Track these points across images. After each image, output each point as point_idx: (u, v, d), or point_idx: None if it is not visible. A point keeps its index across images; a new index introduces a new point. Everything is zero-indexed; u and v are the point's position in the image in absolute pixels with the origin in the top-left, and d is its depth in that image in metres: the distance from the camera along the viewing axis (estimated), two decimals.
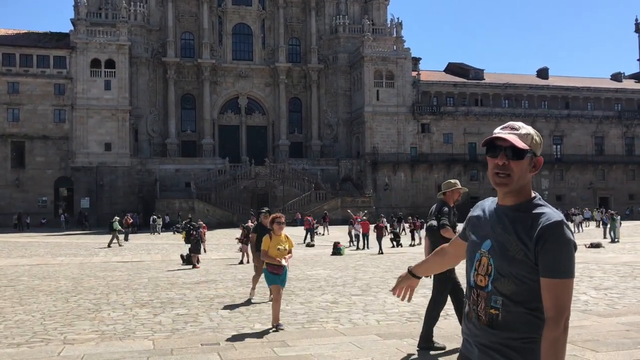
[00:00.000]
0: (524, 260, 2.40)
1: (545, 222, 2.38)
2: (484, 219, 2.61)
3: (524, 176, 2.48)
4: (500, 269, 2.45)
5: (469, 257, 2.64)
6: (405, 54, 66.77)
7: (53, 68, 58.41)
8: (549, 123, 71.30)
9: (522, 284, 2.41)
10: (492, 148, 2.50)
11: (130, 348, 7.82)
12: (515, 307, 2.42)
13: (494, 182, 2.51)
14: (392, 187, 64.47)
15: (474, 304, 2.54)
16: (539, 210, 2.45)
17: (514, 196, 2.51)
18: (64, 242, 34.76)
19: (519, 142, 2.45)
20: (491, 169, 2.51)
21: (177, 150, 64.85)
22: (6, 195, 56.80)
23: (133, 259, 23.15)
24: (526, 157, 2.46)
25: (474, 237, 2.63)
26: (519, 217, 2.47)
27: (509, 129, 2.51)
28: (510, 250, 2.42)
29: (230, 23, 68.56)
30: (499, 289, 2.45)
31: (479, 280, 2.53)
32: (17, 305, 11.97)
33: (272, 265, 8.99)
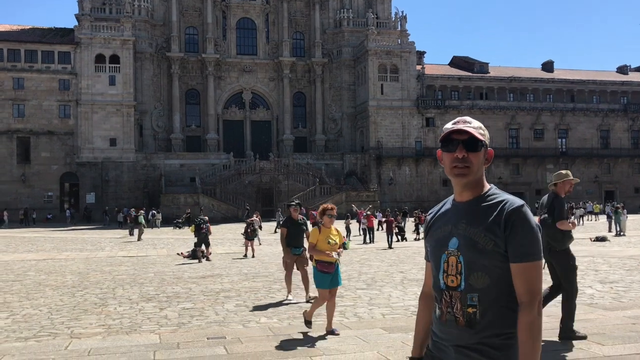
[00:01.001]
0: (494, 250, 2.40)
1: (510, 207, 2.42)
2: (443, 221, 2.59)
3: (481, 168, 2.52)
4: (471, 264, 2.43)
5: (434, 261, 2.58)
6: (409, 48, 66.57)
7: (58, 63, 58.50)
8: (554, 116, 71.06)
9: (496, 276, 2.40)
10: (449, 143, 2.51)
11: (137, 342, 7.86)
12: (491, 302, 2.40)
13: (453, 175, 2.51)
14: (396, 182, 64.41)
15: (448, 306, 2.48)
16: (499, 198, 2.48)
17: (472, 190, 2.53)
18: (70, 237, 34.91)
19: (476, 133, 2.49)
20: (449, 163, 2.51)
21: (181, 145, 64.93)
22: (12, 190, 57.02)
23: (139, 254, 23.23)
24: (482, 149, 2.51)
25: (437, 240, 2.58)
26: (481, 209, 2.48)
27: (462, 122, 2.53)
28: (480, 242, 2.41)
29: (234, 17, 68.48)
30: (473, 285, 2.42)
31: (449, 281, 2.48)
32: (25, 299, 12.04)
33: (322, 263, 8.19)
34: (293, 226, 11.18)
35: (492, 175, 68.03)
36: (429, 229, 2.67)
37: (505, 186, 68.28)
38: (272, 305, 10.82)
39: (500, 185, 67.81)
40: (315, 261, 8.28)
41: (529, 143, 69.75)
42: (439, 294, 2.54)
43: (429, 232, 2.66)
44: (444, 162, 2.55)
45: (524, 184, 69.32)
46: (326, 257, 8.15)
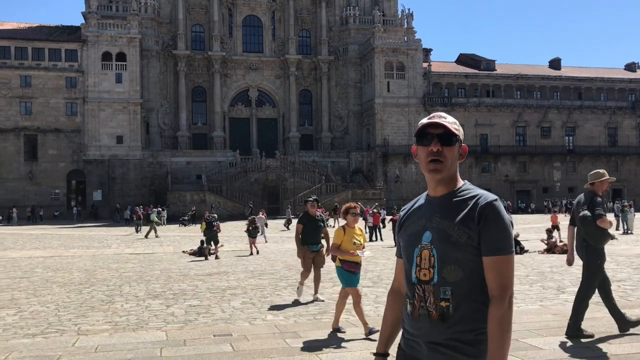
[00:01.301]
0: (468, 243, 2.41)
1: (483, 201, 2.44)
2: (417, 216, 2.60)
3: (455, 163, 2.53)
4: (444, 257, 2.43)
5: (407, 255, 2.57)
6: (416, 45, 66.41)
7: (65, 61, 58.69)
8: (562, 114, 70.76)
9: (469, 270, 2.41)
10: (423, 137, 2.53)
11: (144, 339, 7.88)
12: (464, 296, 2.40)
13: (427, 169, 2.52)
14: (403, 179, 64.32)
15: (421, 300, 2.47)
16: (473, 192, 2.51)
17: (446, 184, 2.54)
18: (77, 235, 35.06)
19: (451, 127, 2.50)
20: (424, 157, 2.52)
21: (188, 143, 65.03)
22: (19, 188, 57.30)
23: (145, 251, 23.31)
24: (456, 143, 2.51)
25: (410, 235, 2.57)
26: (455, 203, 2.49)
27: (437, 117, 2.54)
28: (453, 235, 2.42)
29: (241, 15, 68.48)
30: (446, 279, 2.42)
31: (422, 275, 2.48)
32: (32, 296, 12.10)
33: (348, 263, 7.93)
34: (310, 222, 10.73)
35: (499, 173, 67.89)
36: (402, 225, 2.67)
37: (511, 184, 68.16)
38: (278, 303, 10.83)
39: (507, 183, 67.77)
40: (340, 261, 8.02)
41: (536, 141, 69.48)
42: (411, 288, 2.52)
43: (402, 228, 2.65)
44: (419, 157, 2.56)
45: (531, 181, 69.09)
46: (352, 257, 7.93)
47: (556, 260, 17.71)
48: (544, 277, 13.86)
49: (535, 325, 8.22)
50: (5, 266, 18.18)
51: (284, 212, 54.34)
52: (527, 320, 8.60)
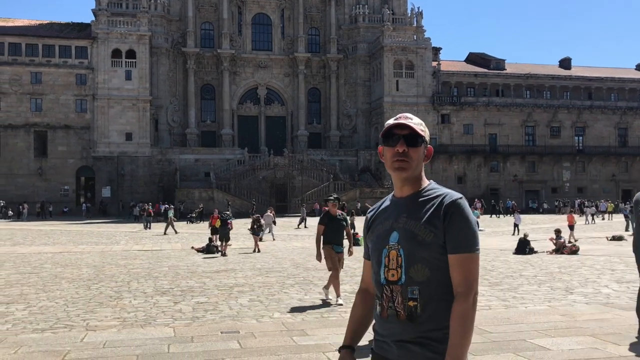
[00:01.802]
0: (434, 242, 2.43)
1: (449, 199, 2.47)
2: (384, 217, 2.61)
3: (420, 163, 2.56)
4: (411, 256, 2.45)
5: (376, 256, 2.58)
6: (425, 44, 66.23)
7: (75, 58, 58.97)
8: (571, 114, 70.37)
9: (436, 268, 2.43)
10: (389, 138, 2.54)
11: (152, 335, 7.91)
12: (431, 295, 2.42)
13: (393, 168, 2.53)
14: None
15: (389, 300, 2.48)
16: (438, 192, 2.54)
17: (412, 184, 2.57)
18: (86, 231, 35.24)
19: (417, 129, 2.53)
20: (390, 157, 2.53)
21: (196, 141, 65.19)
22: (29, 184, 57.65)
23: (153, 248, 23.40)
24: (422, 144, 2.54)
25: (378, 236, 2.59)
26: (421, 203, 2.52)
27: (403, 118, 2.56)
28: (419, 234, 2.45)
29: (250, 13, 68.55)
30: (414, 278, 2.44)
31: (390, 275, 2.49)
32: (41, 291, 12.18)
33: None
34: (331, 222, 10.38)
35: (508, 173, 67.61)
36: (370, 227, 2.67)
37: (520, 184, 67.88)
38: (285, 301, 10.84)
39: (516, 183, 67.49)
40: None
41: (545, 140, 69.14)
42: (380, 289, 2.54)
43: (370, 230, 2.66)
44: (385, 157, 2.57)
45: (540, 181, 68.79)
46: None
47: (565, 260, 17.63)
48: (553, 278, 13.80)
49: (543, 325, 8.18)
50: (15, 261, 18.30)
51: (291, 210, 54.51)
52: (534, 321, 8.56)
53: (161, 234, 32.07)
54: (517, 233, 28.35)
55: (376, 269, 2.58)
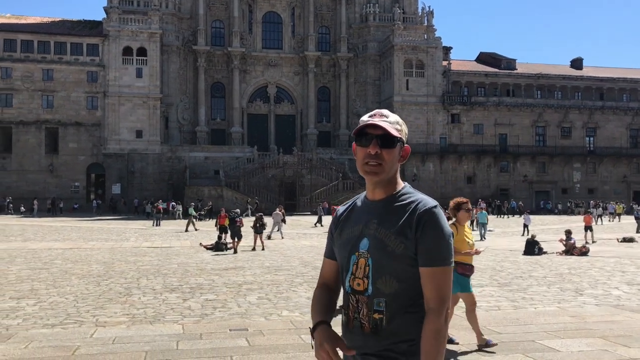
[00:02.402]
0: (404, 254, 2.30)
1: (422, 207, 2.32)
2: (355, 219, 2.46)
3: (394, 165, 2.40)
4: (380, 267, 2.32)
5: (343, 262, 2.44)
6: (436, 43, 66.02)
7: (86, 55, 59.25)
8: (583, 115, 69.91)
9: (404, 281, 2.31)
10: (362, 137, 2.38)
11: (160, 332, 7.95)
12: (398, 308, 2.30)
13: (364, 172, 2.39)
14: (420, 178, 64.04)
15: (355, 311, 2.36)
16: (412, 198, 2.38)
17: (384, 187, 2.41)
18: (96, 227, 35.44)
19: (392, 129, 2.36)
20: (361, 158, 2.38)
21: (206, 138, 65.34)
22: (40, 180, 58.02)
23: (163, 245, 23.50)
24: (397, 145, 2.38)
25: (347, 240, 2.44)
26: (393, 209, 2.37)
27: (378, 116, 2.40)
28: (390, 245, 2.31)
29: (261, 11, 68.60)
30: (381, 290, 2.31)
31: (356, 284, 2.36)
32: (51, 287, 12.26)
33: (463, 265, 7.05)
34: None
35: (518, 173, 67.29)
36: (338, 226, 2.52)
37: (530, 184, 67.54)
38: (293, 299, 10.86)
39: (526, 184, 67.15)
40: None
41: (556, 141, 68.74)
42: (346, 298, 2.43)
43: (338, 229, 2.51)
44: (357, 157, 2.42)
45: (550, 182, 68.41)
46: (467, 258, 7.11)
47: (574, 261, 17.54)
48: (562, 279, 13.73)
49: (552, 326, 8.15)
50: (26, 257, 18.44)
51: (300, 209, 54.56)
52: (544, 322, 8.53)
53: (174, 230, 32.17)
54: (527, 234, 28.25)
55: (343, 275, 2.45)
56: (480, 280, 13.42)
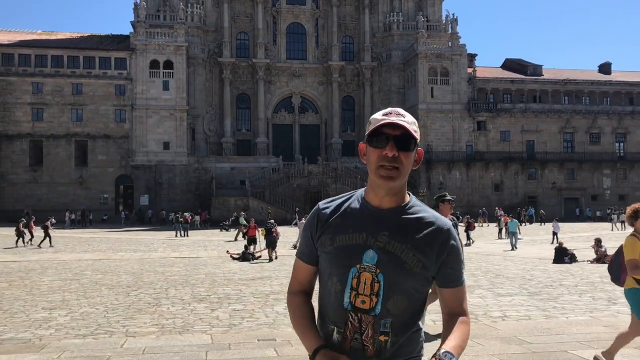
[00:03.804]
0: (421, 273, 2.15)
1: (444, 226, 2.19)
2: (353, 226, 2.20)
3: (409, 170, 2.19)
4: (393, 285, 2.13)
5: (337, 272, 2.19)
6: (460, 50, 65.70)
7: (114, 69, 60.29)
8: (612, 120, 68.78)
9: (412, 301, 2.18)
10: (376, 137, 2.14)
11: (190, 342, 8.01)
12: (403, 328, 2.16)
13: (378, 176, 2.14)
14: (446, 186, 63.50)
15: (356, 331, 2.15)
16: (425, 213, 2.22)
17: (395, 195, 2.20)
18: (124, 238, 35.88)
19: (411, 129, 2.14)
20: (376, 161, 2.14)
21: (232, 149, 65.88)
22: (70, 192, 59.04)
23: (190, 255, 23.68)
24: (414, 148, 2.18)
25: (343, 248, 2.19)
26: (407, 222, 2.18)
27: (395, 114, 2.16)
28: (407, 262, 2.13)
29: (285, 23, 69.11)
30: (390, 310, 2.14)
31: (359, 302, 2.14)
32: (82, 298, 12.44)
33: None
34: None
35: (546, 180, 66.35)
36: (327, 229, 2.24)
37: (559, 191, 66.54)
38: None
39: (555, 191, 66.15)
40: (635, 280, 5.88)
41: (585, 147, 67.69)
42: (342, 314, 2.18)
43: (325, 232, 2.24)
44: (369, 159, 2.18)
45: (579, 189, 67.30)
46: None
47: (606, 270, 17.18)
48: (594, 288, 13.47)
49: (585, 336, 7.99)
50: (57, 268, 18.75)
51: None
52: (576, 332, 8.37)
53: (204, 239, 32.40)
54: (556, 241, 27.80)
55: (337, 288, 2.19)
56: (510, 289, 13.25)
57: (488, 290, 13.10)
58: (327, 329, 2.24)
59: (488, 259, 21.36)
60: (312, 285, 2.38)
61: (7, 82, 58.60)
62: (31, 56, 59.49)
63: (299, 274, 2.38)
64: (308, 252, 2.32)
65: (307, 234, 2.31)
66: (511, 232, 27.20)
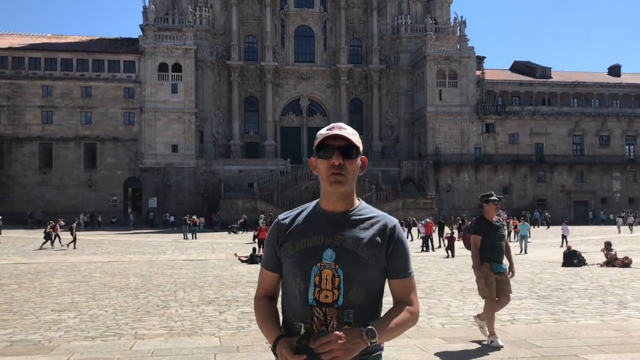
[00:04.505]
0: (375, 265, 2.40)
1: (391, 224, 2.47)
2: (310, 230, 2.44)
3: (356, 176, 2.47)
4: (352, 278, 2.36)
5: (301, 273, 2.40)
6: (468, 53, 65.55)
7: (123, 72, 60.56)
8: (622, 122, 68.38)
9: (370, 292, 2.41)
10: (323, 149, 2.44)
11: (198, 344, 8.02)
12: (364, 318, 2.35)
13: (329, 183, 2.42)
14: (455, 189, 63.41)
15: (322, 324, 2.35)
16: (373, 213, 2.50)
17: (345, 200, 2.48)
18: (133, 241, 36.00)
19: (353, 139, 2.43)
20: (325, 171, 2.43)
21: (240, 152, 66.01)
22: (79, 194, 59.32)
23: (199, 257, 23.72)
24: (357, 156, 2.46)
25: (304, 251, 2.41)
26: (358, 221, 2.45)
27: (337, 128, 2.45)
28: (362, 256, 2.38)
29: (293, 25, 69.22)
30: (351, 301, 2.36)
31: (322, 296, 2.36)
32: (91, 300, 12.49)
33: None
34: (490, 231, 7.88)
35: (555, 183, 66.05)
36: (287, 237, 2.47)
37: (568, 194, 66.17)
38: None
39: (564, 194, 65.80)
40: None
41: (594, 150, 67.33)
42: (307, 311, 2.38)
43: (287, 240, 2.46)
44: (319, 170, 2.47)
45: (589, 192, 66.91)
46: None
47: (616, 273, 17.09)
48: (605, 291, 13.38)
49: (595, 341, 7.93)
50: (66, 270, 18.84)
51: None
52: (586, 336, 8.31)
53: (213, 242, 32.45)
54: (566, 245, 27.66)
55: (302, 287, 2.40)
56: (519, 292, 13.17)
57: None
58: (294, 328, 2.43)
59: None
60: (276, 291, 2.61)
61: (17, 85, 58.99)
62: (41, 59, 59.86)
63: (264, 281, 2.62)
64: (272, 262, 2.55)
65: (269, 246, 2.56)
66: (522, 236, 27.03)
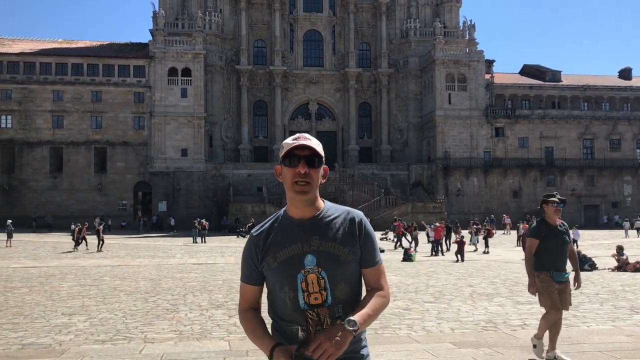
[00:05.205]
0: (352, 260, 2.57)
1: (357, 218, 2.62)
2: (286, 240, 2.57)
3: (319, 184, 2.61)
4: (335, 277, 2.53)
5: (288, 282, 2.54)
6: (478, 57, 65.38)
7: (133, 77, 60.89)
8: (632, 126, 67.93)
9: (352, 284, 2.60)
10: (289, 158, 2.55)
11: (207, 348, 8.02)
12: (350, 308, 2.55)
13: (294, 192, 2.54)
14: (464, 193, 63.19)
15: (318, 324, 2.51)
16: (339, 211, 2.65)
17: (311, 206, 2.60)
18: (143, 244, 36.12)
19: (318, 149, 2.58)
20: (290, 178, 2.54)
21: (249, 156, 66.17)
22: (89, 198, 59.64)
23: (208, 261, 23.76)
24: (321, 165, 2.60)
25: (285, 261, 2.55)
26: (328, 223, 2.59)
27: (303, 138, 2.59)
28: (341, 255, 2.54)
29: (302, 30, 69.36)
30: (339, 297, 2.55)
31: (312, 299, 2.51)
32: (101, 303, 12.53)
33: None
34: (551, 236, 7.05)
35: (565, 187, 65.63)
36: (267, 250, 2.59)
37: (578, 198, 65.76)
38: None
39: (574, 198, 65.37)
40: None
41: (605, 154, 66.90)
42: (301, 315, 2.53)
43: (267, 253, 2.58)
44: (284, 178, 2.58)
45: (599, 196, 66.48)
46: None
47: (628, 278, 16.94)
48: (616, 296, 13.27)
49: (607, 346, 7.87)
50: (76, 274, 18.92)
51: None
52: (598, 341, 8.24)
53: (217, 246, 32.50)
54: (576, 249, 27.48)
55: (291, 295, 2.54)
56: (530, 297, 13.07)
57: (507, 299, 12.97)
58: (290, 331, 2.57)
59: (507, 267, 21.17)
60: (259, 302, 2.75)
61: (29, 90, 59.45)
62: (52, 64, 60.34)
63: (246, 295, 2.74)
64: (252, 276, 2.68)
65: (248, 262, 2.67)
66: None
